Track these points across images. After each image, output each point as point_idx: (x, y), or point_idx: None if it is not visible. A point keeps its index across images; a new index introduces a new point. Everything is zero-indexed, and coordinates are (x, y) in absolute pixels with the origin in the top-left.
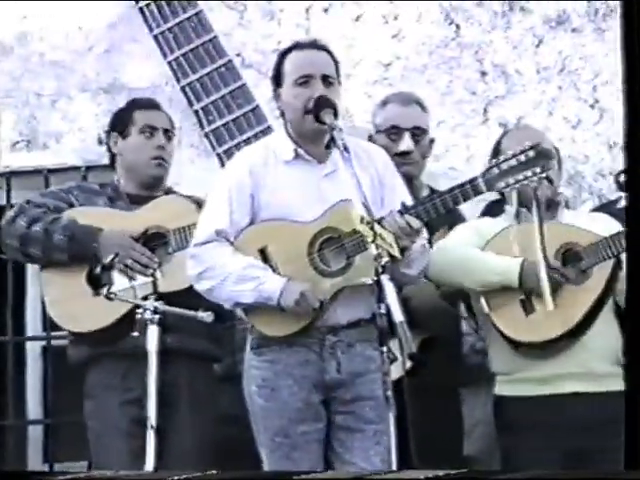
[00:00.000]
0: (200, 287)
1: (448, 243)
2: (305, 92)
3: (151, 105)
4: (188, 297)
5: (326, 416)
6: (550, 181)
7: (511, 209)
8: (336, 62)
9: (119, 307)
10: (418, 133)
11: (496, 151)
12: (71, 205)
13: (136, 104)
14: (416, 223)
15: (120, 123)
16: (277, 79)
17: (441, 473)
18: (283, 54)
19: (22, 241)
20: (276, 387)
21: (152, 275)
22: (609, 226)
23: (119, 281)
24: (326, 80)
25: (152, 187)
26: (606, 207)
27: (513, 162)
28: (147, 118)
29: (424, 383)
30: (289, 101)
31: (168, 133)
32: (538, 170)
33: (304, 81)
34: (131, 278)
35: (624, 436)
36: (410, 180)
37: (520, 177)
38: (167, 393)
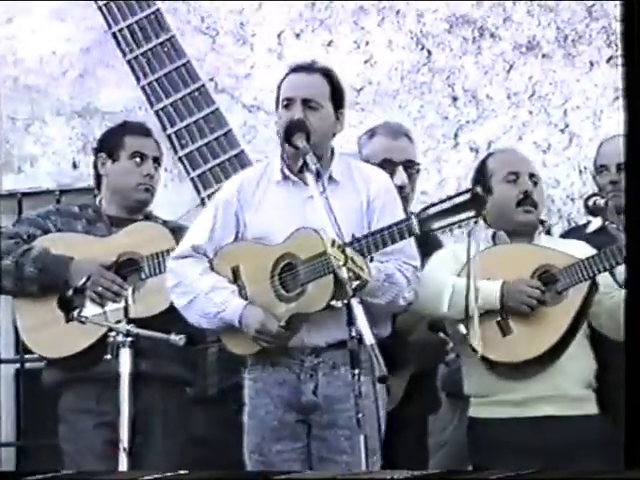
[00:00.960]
0: (175, 302)
1: (425, 274)
2: (287, 115)
3: (143, 131)
4: (161, 322)
5: (307, 436)
6: (535, 206)
7: (488, 231)
8: (333, 86)
9: (92, 332)
10: (410, 166)
11: (480, 171)
12: (47, 231)
13: (128, 128)
14: (359, 259)
15: (110, 145)
16: (276, 101)
17: (416, 473)
18: (284, 76)
19: None
20: (255, 405)
21: (125, 301)
22: (585, 252)
23: (91, 307)
24: (306, 104)
25: (135, 211)
26: (575, 231)
27: (448, 204)
28: (138, 145)
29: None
30: (278, 122)
31: (157, 161)
32: (472, 214)
33: (286, 104)
34: (102, 305)
35: (624, 436)
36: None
37: (454, 219)
38: (140, 417)
